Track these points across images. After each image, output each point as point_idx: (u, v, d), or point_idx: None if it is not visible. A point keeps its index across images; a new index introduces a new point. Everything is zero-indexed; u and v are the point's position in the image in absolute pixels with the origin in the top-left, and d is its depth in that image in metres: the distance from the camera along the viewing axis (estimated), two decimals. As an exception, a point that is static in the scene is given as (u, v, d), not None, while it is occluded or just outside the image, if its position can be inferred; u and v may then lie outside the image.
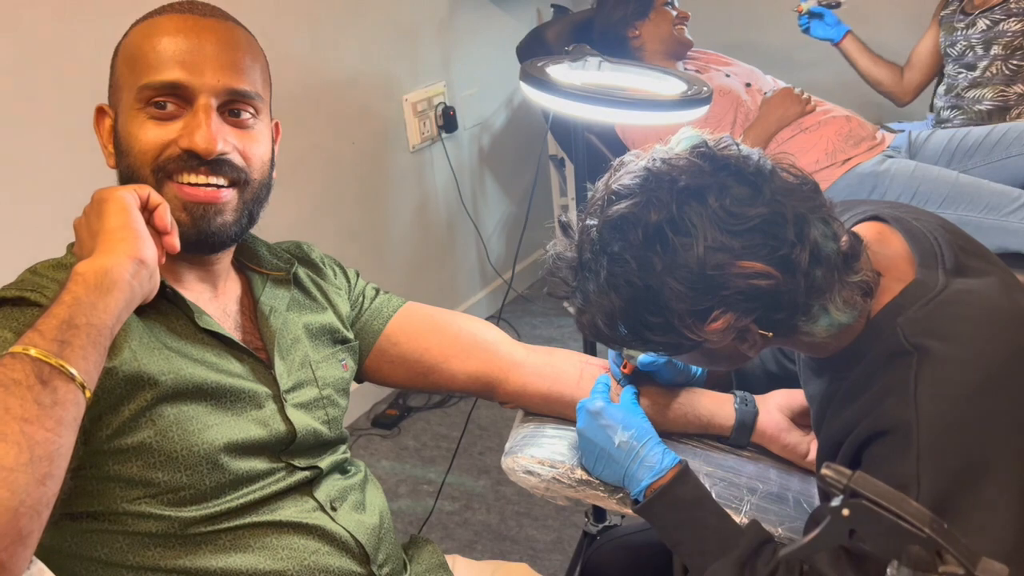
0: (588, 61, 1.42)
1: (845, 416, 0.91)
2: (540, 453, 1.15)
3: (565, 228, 0.95)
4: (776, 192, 0.86)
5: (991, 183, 1.98)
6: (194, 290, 1.02)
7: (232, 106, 0.97)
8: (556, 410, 1.21)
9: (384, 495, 1.14)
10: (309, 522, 0.99)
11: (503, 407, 1.25)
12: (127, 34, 0.99)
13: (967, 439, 0.80)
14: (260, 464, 0.97)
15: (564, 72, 1.40)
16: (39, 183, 1.77)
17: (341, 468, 1.09)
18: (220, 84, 0.95)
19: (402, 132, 2.71)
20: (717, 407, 1.19)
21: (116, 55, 0.99)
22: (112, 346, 0.86)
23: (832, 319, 0.89)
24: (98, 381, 0.82)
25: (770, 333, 0.90)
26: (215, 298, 1.04)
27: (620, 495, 1.09)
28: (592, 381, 1.17)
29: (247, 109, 0.98)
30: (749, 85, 2.32)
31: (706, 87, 1.36)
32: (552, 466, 1.13)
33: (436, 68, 2.81)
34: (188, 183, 0.95)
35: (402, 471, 2.41)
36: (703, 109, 1.35)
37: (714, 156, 0.88)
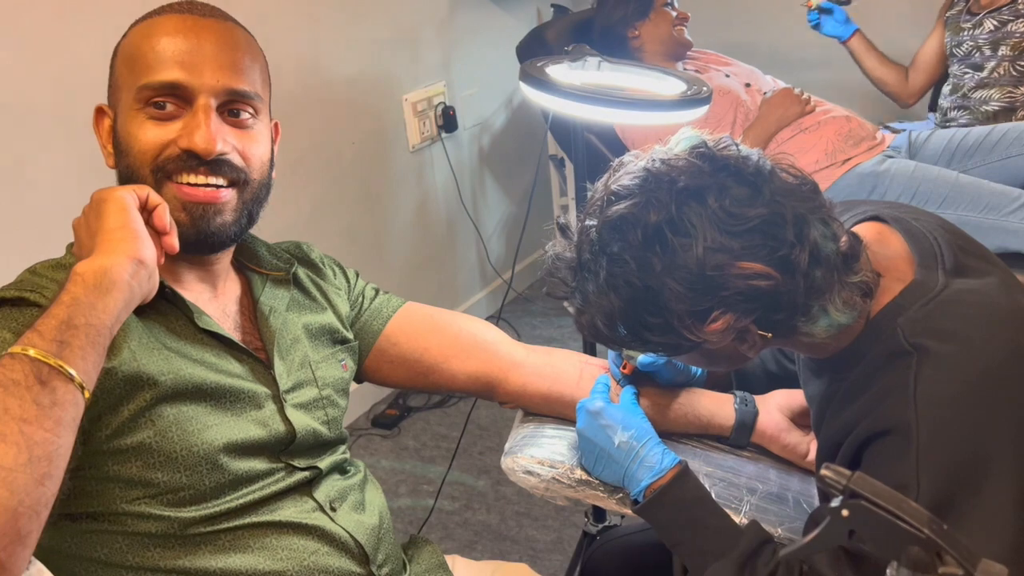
0: (588, 61, 1.42)
1: (845, 416, 0.90)
2: (540, 453, 1.15)
3: (564, 229, 0.95)
4: (775, 193, 0.86)
5: (991, 183, 1.98)
6: (193, 290, 1.02)
7: (231, 106, 0.97)
8: (556, 410, 1.21)
9: (384, 495, 1.14)
10: (308, 522, 0.99)
11: (503, 407, 1.25)
12: (126, 34, 0.99)
13: (967, 439, 0.80)
14: (259, 464, 0.97)
15: (564, 72, 1.40)
16: (38, 183, 1.77)
17: (341, 468, 1.09)
18: (219, 84, 0.95)
19: (402, 132, 2.71)
20: (717, 407, 1.19)
21: (115, 55, 0.99)
22: (111, 346, 0.86)
23: (831, 320, 0.88)
24: (97, 381, 0.82)
25: (769, 334, 0.90)
26: (214, 298, 1.04)
27: (620, 495, 1.09)
28: (592, 381, 1.17)
29: (246, 109, 0.98)
30: (749, 85, 2.32)
31: (706, 87, 1.36)
32: (552, 466, 1.13)
33: (436, 68, 2.81)
34: (187, 183, 0.95)
35: (402, 471, 2.41)
36: (703, 109, 1.35)
37: (713, 157, 0.88)
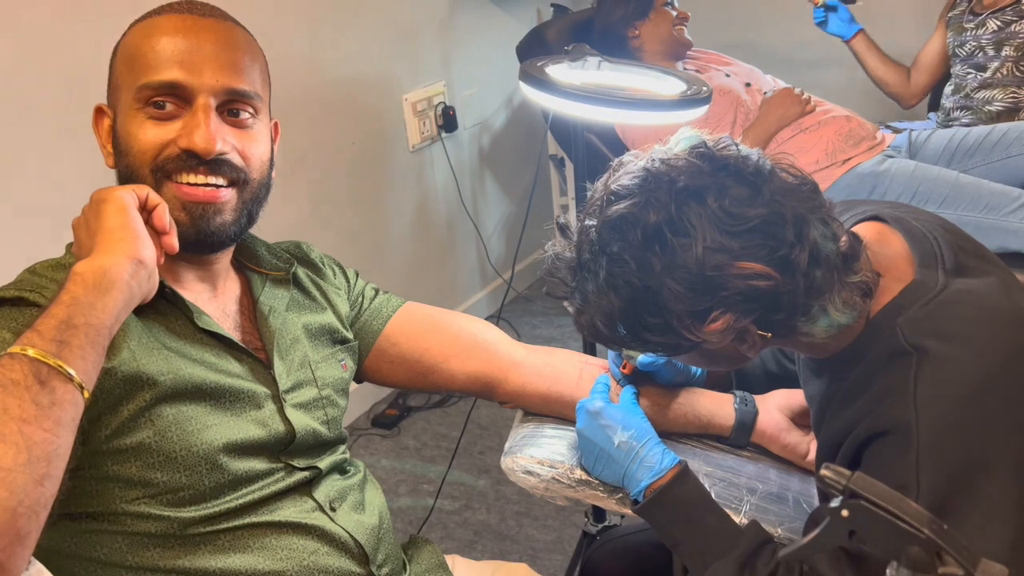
0: (588, 61, 1.42)
1: (845, 416, 0.90)
2: (539, 453, 1.14)
3: (563, 229, 0.95)
4: (775, 192, 0.86)
5: (991, 183, 1.98)
6: (193, 290, 1.02)
7: (231, 106, 0.97)
8: (556, 410, 1.21)
9: (383, 495, 1.14)
10: (308, 522, 0.99)
11: (503, 407, 1.25)
12: (126, 34, 0.99)
13: (967, 439, 0.80)
14: (259, 464, 0.97)
15: (563, 72, 1.40)
16: (38, 183, 1.77)
17: (340, 468, 1.09)
18: (219, 84, 0.95)
19: (402, 132, 2.70)
20: (717, 407, 1.19)
21: (115, 55, 0.99)
22: (111, 346, 0.86)
23: (831, 320, 0.88)
24: (97, 381, 0.81)
25: (769, 334, 0.90)
26: (214, 298, 1.04)
27: (619, 495, 1.09)
28: (591, 381, 1.17)
29: (246, 109, 0.98)
30: (749, 85, 2.32)
31: (705, 87, 1.36)
32: (551, 466, 1.13)
33: (436, 68, 2.81)
34: (187, 183, 0.95)
35: (402, 471, 2.41)
36: (703, 109, 1.34)
37: (713, 156, 0.88)
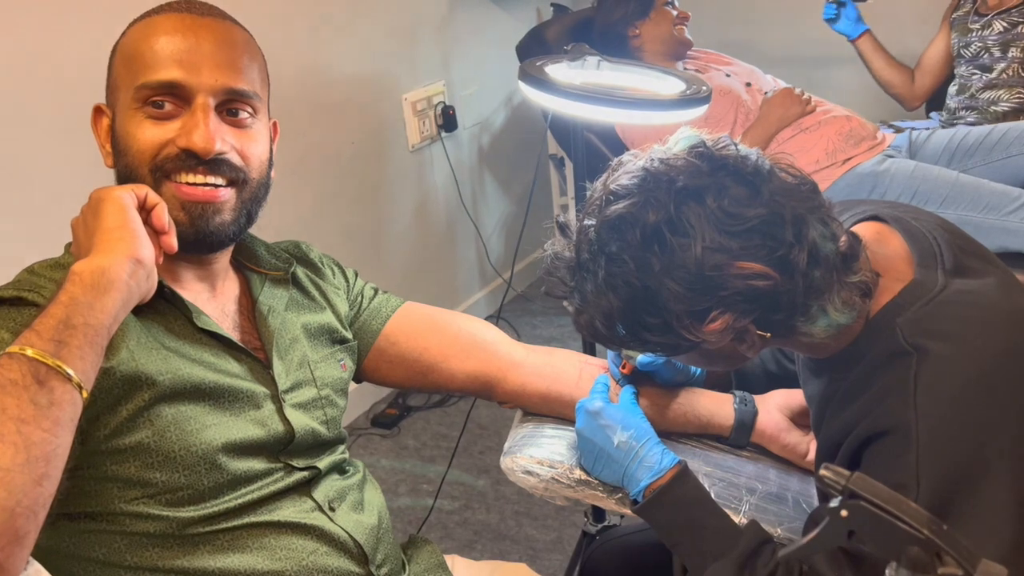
0: (587, 60, 1.42)
1: (844, 416, 0.90)
2: (539, 453, 1.14)
3: (563, 228, 0.95)
4: (774, 192, 0.86)
5: (991, 183, 1.98)
6: (192, 290, 1.02)
7: (230, 105, 0.97)
8: (555, 410, 1.20)
9: (383, 495, 1.14)
10: (307, 522, 0.99)
11: (502, 407, 1.25)
12: (124, 33, 0.99)
13: (966, 439, 0.80)
14: (258, 464, 0.97)
15: (563, 71, 1.40)
16: (37, 183, 1.77)
17: (339, 468, 1.09)
18: (218, 83, 0.95)
19: (401, 131, 2.70)
20: (716, 407, 1.19)
21: (113, 54, 0.99)
22: (110, 346, 0.86)
23: (831, 320, 0.88)
24: (96, 381, 0.81)
25: (768, 334, 0.90)
26: (213, 298, 1.04)
27: (619, 495, 1.09)
28: (591, 381, 1.17)
29: (245, 108, 0.98)
30: (749, 85, 2.32)
31: (705, 86, 1.36)
32: (551, 466, 1.13)
33: (436, 67, 2.80)
34: (186, 182, 0.95)
35: (402, 470, 2.41)
36: (702, 108, 1.34)
37: (712, 156, 0.88)
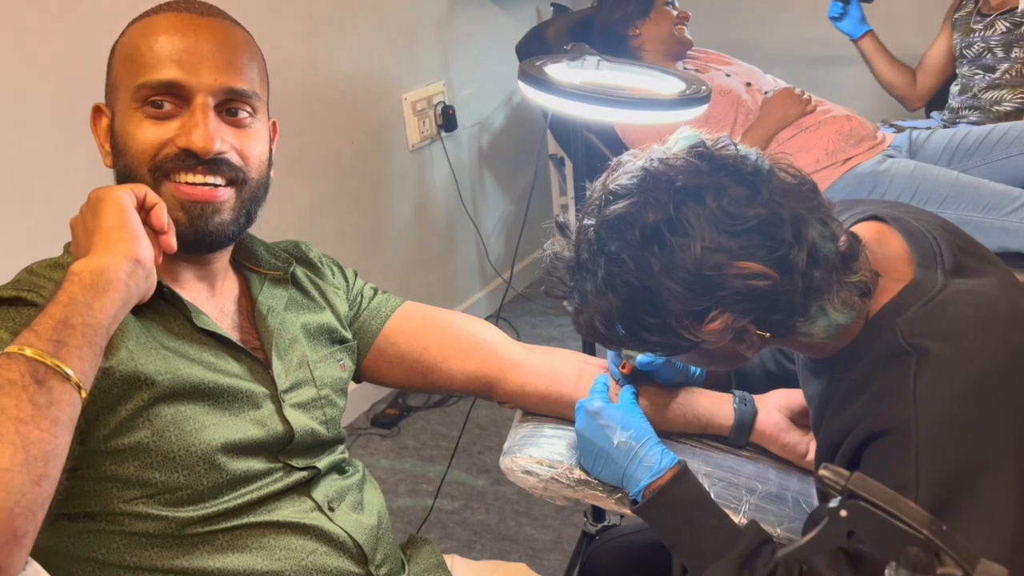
0: (587, 60, 1.42)
1: (844, 416, 0.90)
2: (538, 453, 1.14)
3: (562, 228, 0.95)
4: (774, 192, 0.86)
5: (991, 183, 1.98)
6: (192, 290, 1.02)
7: (229, 105, 0.97)
8: (555, 410, 1.20)
9: (382, 495, 1.14)
10: (307, 522, 0.99)
11: (502, 407, 1.25)
12: (124, 33, 0.99)
13: (966, 439, 0.80)
14: (258, 464, 0.97)
15: (562, 71, 1.40)
16: (36, 183, 1.77)
17: (339, 468, 1.09)
18: (217, 83, 0.95)
19: (401, 131, 2.70)
20: (716, 407, 1.19)
21: (113, 54, 0.99)
22: (109, 346, 0.86)
23: (830, 320, 0.88)
24: (95, 381, 0.81)
25: (768, 334, 0.89)
26: (212, 298, 1.04)
27: (619, 495, 1.09)
28: (591, 381, 1.17)
29: (244, 108, 0.98)
30: (749, 84, 2.32)
31: (705, 86, 1.36)
32: (550, 466, 1.12)
33: (435, 67, 2.80)
34: (185, 182, 0.95)
35: (401, 470, 2.41)
36: (702, 108, 1.34)
37: (712, 156, 0.88)
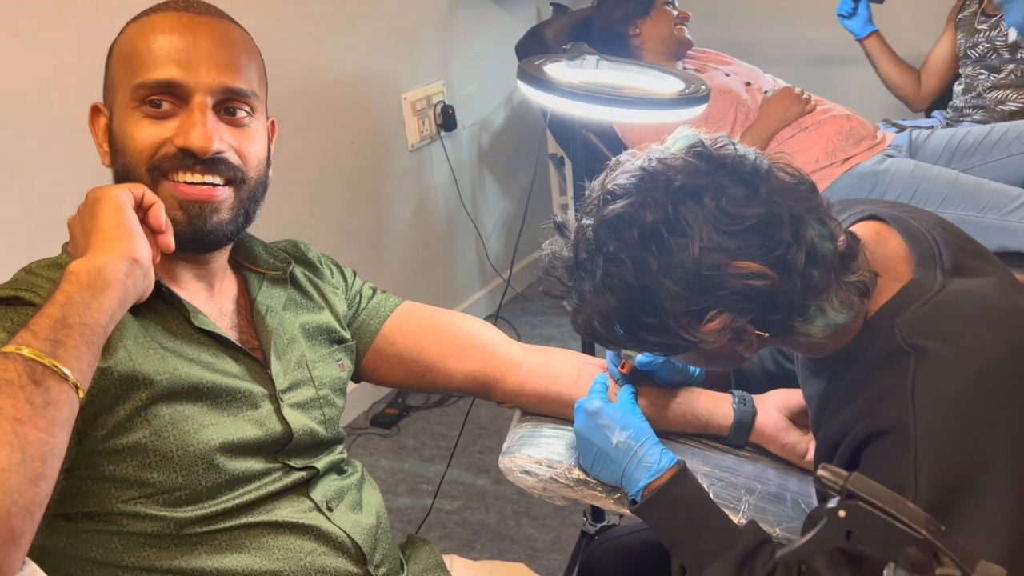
0: (586, 59, 1.42)
1: (843, 416, 0.90)
2: (537, 453, 1.14)
3: (561, 228, 0.95)
4: (772, 192, 0.86)
5: (991, 182, 1.98)
6: (190, 289, 1.01)
7: (228, 104, 0.97)
8: (554, 410, 1.20)
9: (381, 495, 1.14)
10: (305, 522, 0.99)
11: (501, 407, 1.25)
12: (122, 32, 0.99)
13: (965, 440, 0.80)
14: (256, 464, 0.97)
15: (561, 70, 1.40)
16: (34, 182, 1.77)
17: (338, 468, 1.09)
18: (216, 82, 0.95)
19: (401, 131, 2.70)
20: (715, 407, 1.19)
21: (111, 53, 0.99)
22: (107, 346, 0.86)
23: (829, 319, 0.88)
24: (93, 381, 0.81)
25: (766, 333, 0.89)
26: (211, 297, 1.04)
27: (618, 495, 1.08)
28: (590, 381, 1.17)
29: (243, 107, 0.98)
30: (749, 84, 2.32)
31: (704, 85, 1.36)
32: (549, 466, 1.12)
33: (435, 67, 2.80)
34: (184, 182, 0.95)
35: (401, 470, 2.41)
36: (700, 108, 1.34)
37: (710, 156, 0.88)
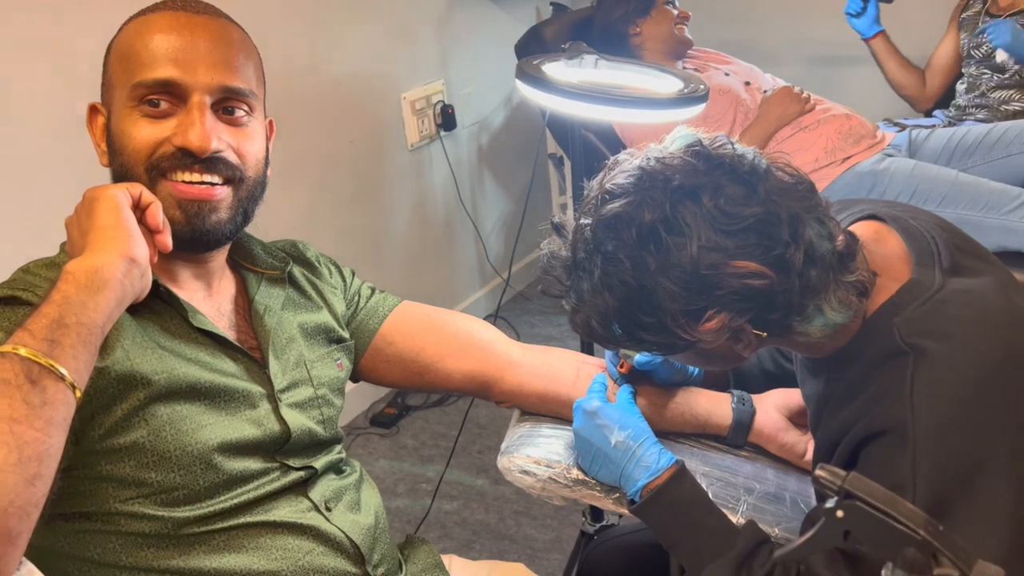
0: (585, 59, 1.42)
1: (842, 416, 0.90)
2: (536, 453, 1.14)
3: (559, 228, 0.95)
4: (771, 191, 0.86)
5: (990, 182, 1.98)
6: (188, 289, 1.01)
7: (226, 104, 0.97)
8: (552, 410, 1.20)
9: (380, 495, 1.14)
10: (303, 522, 0.99)
11: (499, 406, 1.24)
12: (120, 32, 0.99)
13: (963, 440, 0.80)
14: (254, 464, 0.97)
15: (560, 70, 1.40)
16: (32, 182, 1.77)
17: (336, 468, 1.09)
18: (214, 82, 0.94)
19: (400, 130, 2.70)
20: (714, 406, 1.19)
21: (109, 53, 0.99)
22: (104, 345, 0.85)
23: (827, 319, 0.88)
24: (90, 381, 0.81)
25: (764, 333, 0.89)
26: (209, 297, 1.04)
27: (616, 495, 1.08)
28: (589, 380, 1.17)
29: (241, 107, 0.98)
30: (748, 84, 2.31)
31: (703, 85, 1.35)
32: (548, 466, 1.12)
33: (434, 66, 2.80)
34: (182, 181, 0.95)
35: (400, 470, 2.41)
36: (699, 107, 1.34)
37: (708, 155, 0.88)
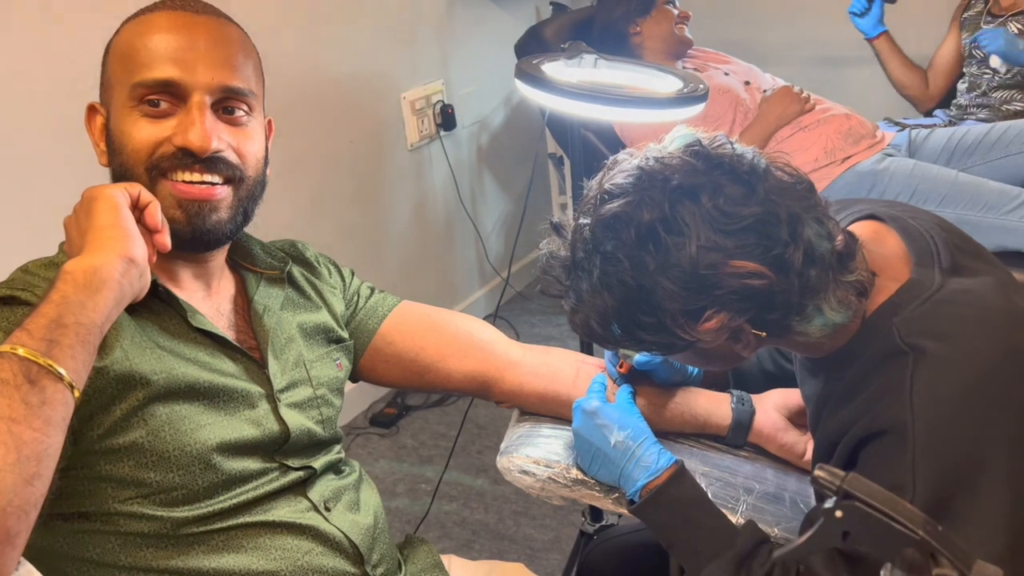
0: (584, 58, 1.42)
1: (841, 416, 0.90)
2: (536, 453, 1.14)
3: (558, 228, 0.95)
4: (770, 191, 0.86)
5: (990, 182, 1.97)
6: (188, 289, 1.01)
7: (226, 103, 0.97)
8: (552, 409, 1.20)
9: (379, 495, 1.14)
10: (302, 522, 0.99)
11: (499, 406, 1.24)
12: (119, 31, 0.98)
13: (963, 440, 0.80)
14: (253, 464, 0.97)
15: (560, 69, 1.40)
16: (31, 182, 1.77)
17: (335, 468, 1.09)
18: (214, 81, 0.94)
19: (400, 130, 2.70)
20: (714, 406, 1.19)
21: (108, 53, 0.99)
22: (103, 345, 0.85)
23: (826, 319, 0.88)
24: (89, 380, 0.81)
25: (764, 333, 0.89)
26: (208, 297, 1.04)
27: (616, 495, 1.08)
28: (588, 380, 1.17)
29: (241, 106, 0.98)
30: (748, 83, 2.31)
31: (702, 84, 1.35)
32: (548, 466, 1.12)
33: (434, 66, 2.80)
34: (182, 181, 0.95)
35: (400, 470, 2.41)
36: (698, 107, 1.34)
37: (708, 155, 0.87)
